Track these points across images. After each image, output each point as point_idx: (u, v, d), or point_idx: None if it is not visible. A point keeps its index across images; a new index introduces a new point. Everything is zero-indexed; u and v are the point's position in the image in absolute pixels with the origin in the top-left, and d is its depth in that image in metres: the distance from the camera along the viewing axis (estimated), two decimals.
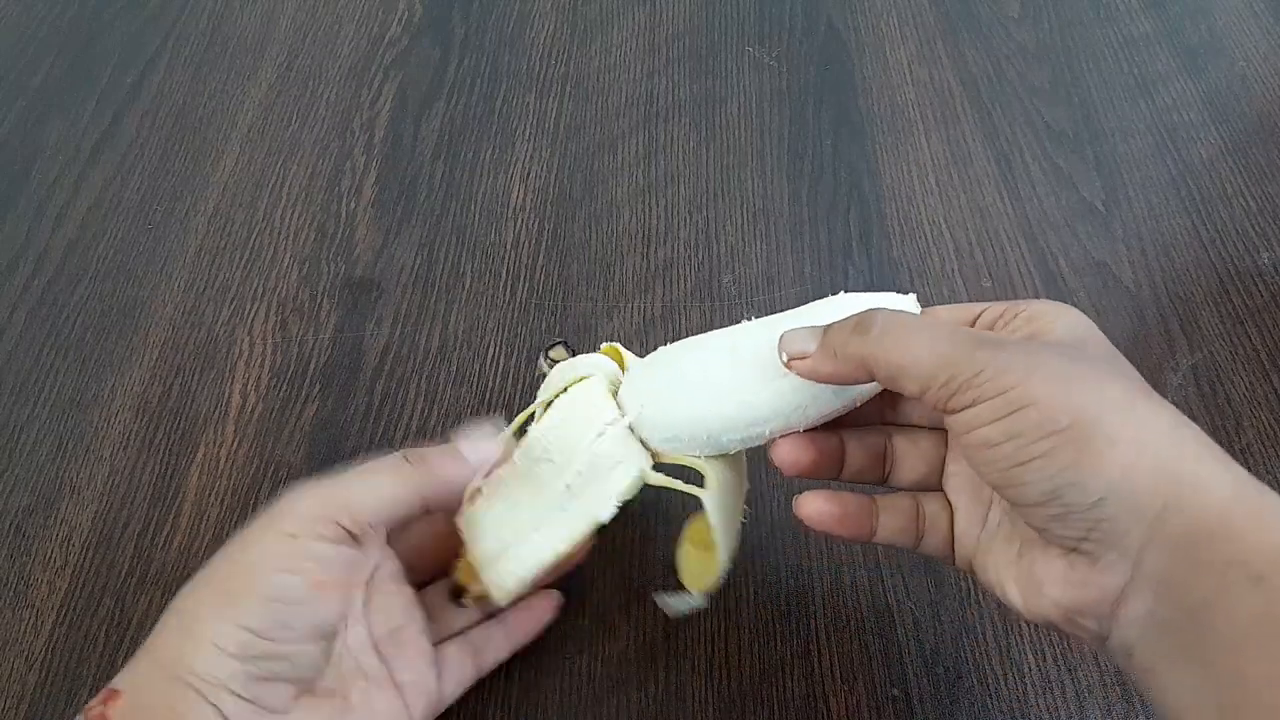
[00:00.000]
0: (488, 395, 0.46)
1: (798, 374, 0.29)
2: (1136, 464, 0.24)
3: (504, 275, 0.51)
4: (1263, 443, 0.42)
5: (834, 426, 0.32)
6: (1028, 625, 0.38)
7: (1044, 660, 0.37)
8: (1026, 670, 0.37)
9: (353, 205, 0.55)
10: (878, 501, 0.32)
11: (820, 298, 0.34)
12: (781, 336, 0.30)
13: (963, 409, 0.26)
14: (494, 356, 0.48)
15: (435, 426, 0.45)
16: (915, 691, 0.37)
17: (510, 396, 0.46)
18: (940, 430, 0.33)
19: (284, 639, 0.29)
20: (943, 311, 0.32)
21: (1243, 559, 0.23)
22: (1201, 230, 0.50)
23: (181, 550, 0.42)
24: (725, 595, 0.40)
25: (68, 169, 0.58)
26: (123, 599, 0.41)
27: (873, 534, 0.32)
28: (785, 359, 0.29)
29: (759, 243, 0.51)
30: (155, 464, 0.45)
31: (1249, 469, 0.41)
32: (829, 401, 0.31)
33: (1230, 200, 0.51)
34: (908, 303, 0.32)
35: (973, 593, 0.39)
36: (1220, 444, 0.25)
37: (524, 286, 0.50)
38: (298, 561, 0.29)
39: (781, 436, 0.31)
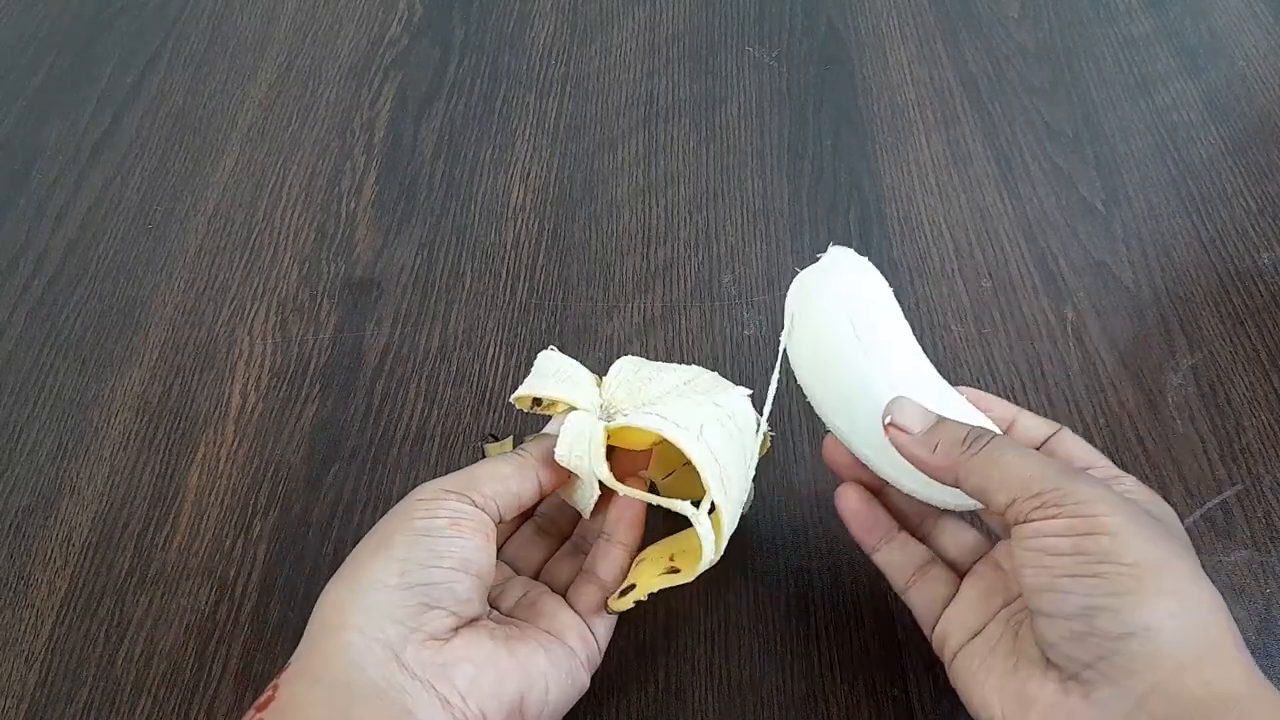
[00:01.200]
0: (488, 395, 0.46)
1: (890, 439, 0.31)
2: (1178, 616, 0.25)
3: (504, 275, 0.51)
4: (1263, 443, 0.42)
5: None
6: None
7: None
8: None
9: (353, 205, 0.55)
10: (899, 533, 0.35)
11: None
12: (893, 401, 0.32)
13: (1041, 520, 0.27)
14: (494, 356, 0.48)
15: (435, 426, 0.45)
16: (915, 691, 0.37)
17: (510, 397, 0.46)
18: (991, 535, 0.35)
19: (437, 564, 0.30)
20: (1079, 445, 0.33)
21: None
22: (1201, 230, 0.50)
23: (181, 550, 0.42)
24: (725, 595, 0.40)
25: (68, 169, 0.58)
26: (123, 599, 0.41)
27: (875, 550, 0.35)
28: (887, 421, 0.31)
29: (759, 243, 0.51)
30: (155, 464, 0.45)
31: (1249, 469, 0.41)
32: (924, 488, 0.33)
33: (1230, 200, 0.51)
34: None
35: None
36: (1220, 444, 0.26)
37: (524, 286, 0.50)
38: (435, 510, 0.31)
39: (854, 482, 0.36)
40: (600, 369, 0.39)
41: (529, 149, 0.57)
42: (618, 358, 0.38)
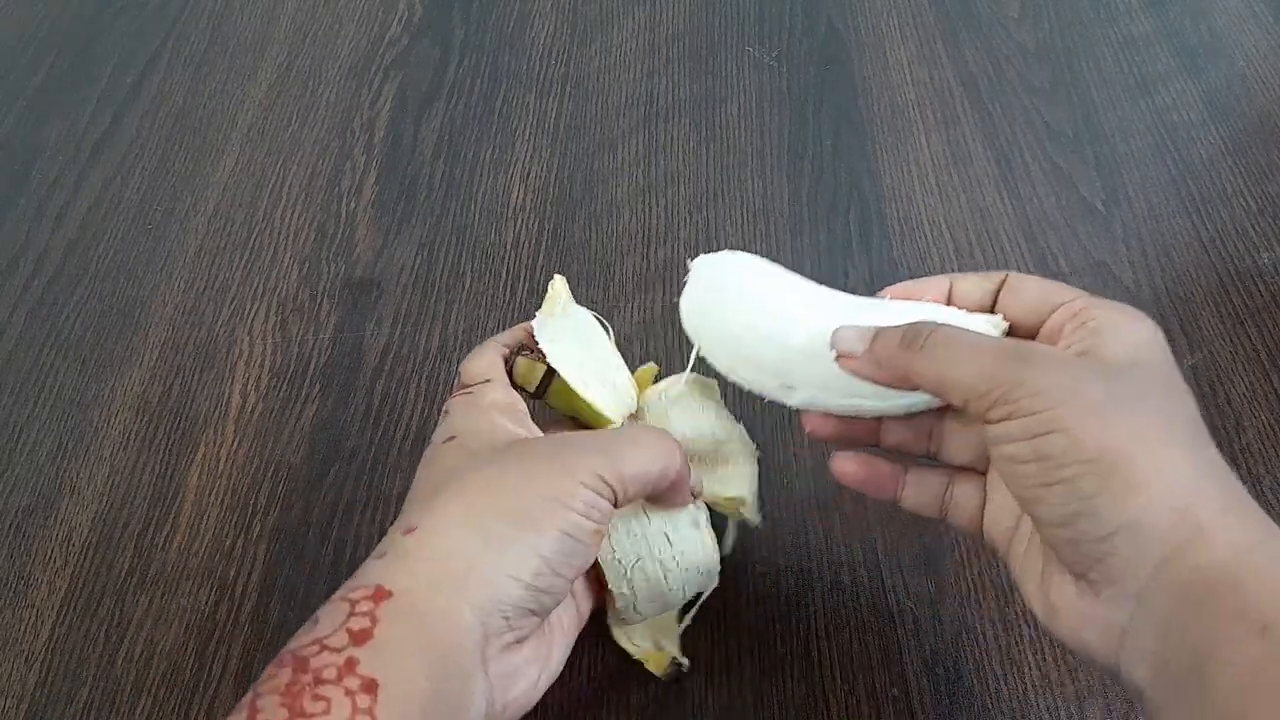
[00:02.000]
0: None
1: (843, 368, 0.30)
2: (1152, 507, 0.24)
3: (504, 275, 0.51)
4: (1263, 443, 0.42)
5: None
6: (1028, 625, 0.38)
7: (1044, 660, 0.37)
8: (1026, 670, 0.37)
9: (353, 205, 0.55)
10: (908, 473, 0.33)
11: None
12: (835, 331, 0.31)
13: (998, 421, 0.26)
14: None
15: (435, 426, 0.45)
16: (915, 691, 0.37)
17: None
18: None
19: (563, 574, 0.28)
20: (1032, 282, 0.31)
21: (1247, 611, 0.23)
22: (1201, 230, 0.50)
23: (181, 550, 0.42)
24: (725, 595, 0.40)
25: (68, 169, 0.58)
26: (123, 599, 0.41)
27: (898, 499, 0.33)
28: (834, 354, 0.31)
29: (759, 243, 0.51)
30: (155, 464, 0.45)
31: (1249, 469, 0.41)
32: (880, 402, 0.32)
33: (1230, 200, 0.51)
34: (991, 323, 0.32)
35: (973, 593, 0.39)
36: (1220, 444, 0.25)
37: (524, 286, 0.50)
38: (587, 508, 0.29)
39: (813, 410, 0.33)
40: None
41: (529, 149, 0.57)
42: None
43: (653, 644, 0.37)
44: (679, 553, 0.34)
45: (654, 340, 0.48)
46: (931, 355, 0.28)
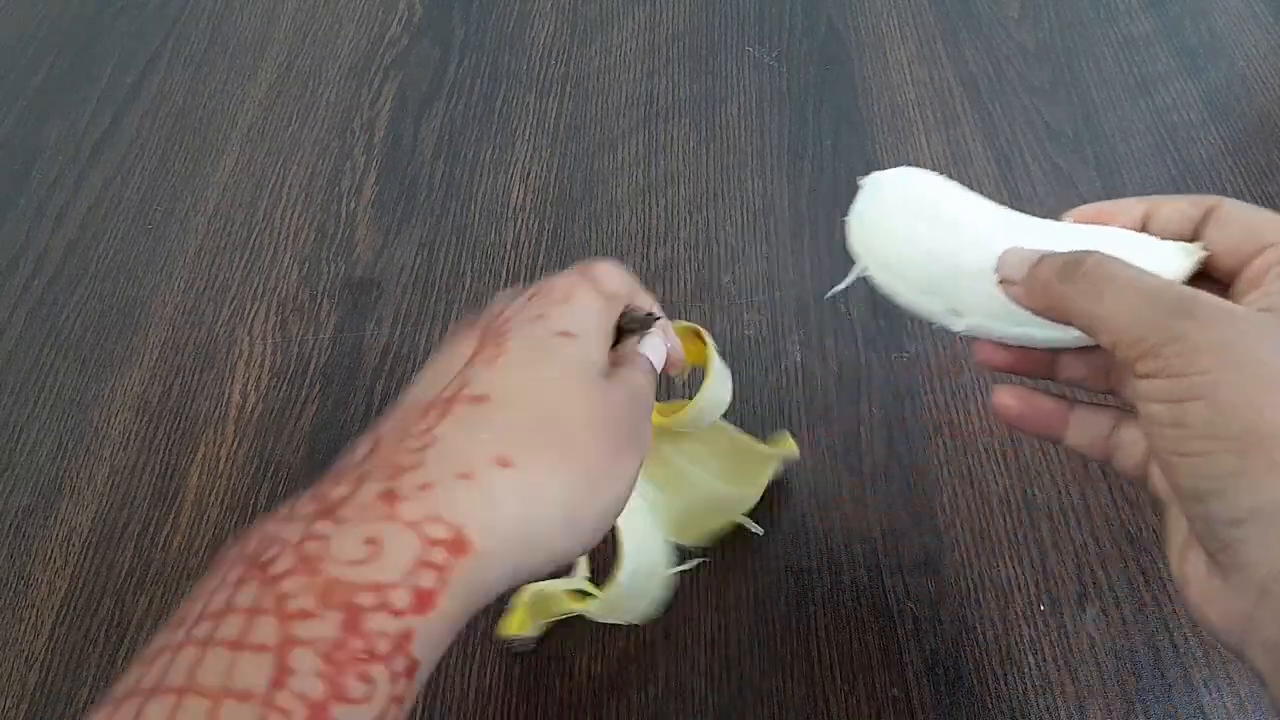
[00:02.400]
0: None
1: (1005, 294, 0.28)
2: None
3: (504, 275, 0.51)
4: None
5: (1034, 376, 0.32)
6: (1028, 625, 0.38)
7: (1044, 660, 0.37)
8: (1026, 670, 0.37)
9: (353, 205, 0.55)
10: (1073, 411, 0.30)
11: (820, 298, 0.34)
12: (1001, 254, 0.28)
13: (1144, 375, 0.24)
14: None
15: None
16: (915, 691, 0.37)
17: None
18: None
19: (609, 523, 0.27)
20: (1244, 214, 0.27)
21: None
22: None
23: (181, 550, 0.42)
24: (725, 595, 0.40)
25: (68, 169, 0.58)
26: (123, 599, 0.41)
27: (1062, 438, 0.31)
28: (998, 278, 0.28)
29: (759, 243, 0.51)
30: (155, 464, 0.45)
31: None
32: (1050, 333, 0.29)
33: None
34: (1185, 251, 0.28)
35: (973, 592, 0.39)
36: None
37: (524, 286, 0.50)
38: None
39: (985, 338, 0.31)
40: None
41: (529, 149, 0.57)
42: None
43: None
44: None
45: None
46: (1086, 289, 0.25)
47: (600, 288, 0.30)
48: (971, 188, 0.31)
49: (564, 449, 0.25)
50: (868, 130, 0.56)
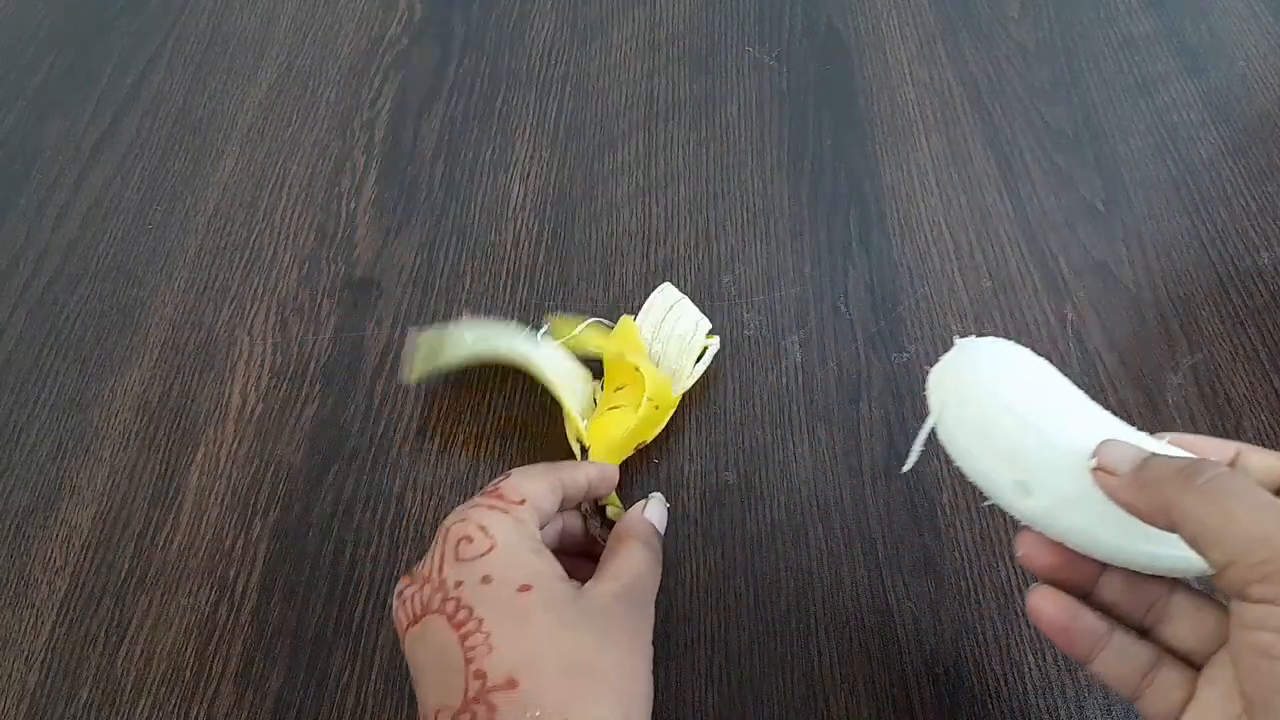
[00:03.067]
0: (488, 395, 0.46)
1: (1097, 483, 0.27)
2: None
3: (504, 275, 0.51)
4: (1263, 443, 0.42)
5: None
6: (1028, 625, 0.38)
7: (1044, 660, 0.37)
8: (1026, 670, 0.37)
9: (353, 205, 0.55)
10: (1114, 636, 0.29)
11: (819, 298, 0.34)
12: (1104, 441, 0.27)
13: (1259, 601, 0.22)
14: None
15: (435, 426, 0.45)
16: (915, 691, 0.37)
17: (510, 397, 0.46)
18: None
19: None
20: None
21: None
22: (1201, 230, 0.50)
23: (181, 550, 0.42)
24: (725, 595, 0.40)
25: (68, 169, 0.58)
26: (123, 599, 0.41)
27: (1089, 662, 0.29)
28: (1094, 463, 0.27)
29: (759, 243, 0.51)
30: (155, 464, 0.45)
31: None
32: (1125, 542, 0.28)
33: (1230, 200, 0.51)
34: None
35: (973, 593, 0.39)
36: None
37: (524, 286, 0.50)
38: None
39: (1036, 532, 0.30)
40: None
41: (529, 149, 0.57)
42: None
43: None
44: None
45: None
46: (1209, 497, 0.24)
47: (510, 506, 0.32)
48: (972, 188, 0.31)
49: (599, 682, 0.28)
50: (868, 130, 0.56)
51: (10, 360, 0.49)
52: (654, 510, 0.38)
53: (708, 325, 0.46)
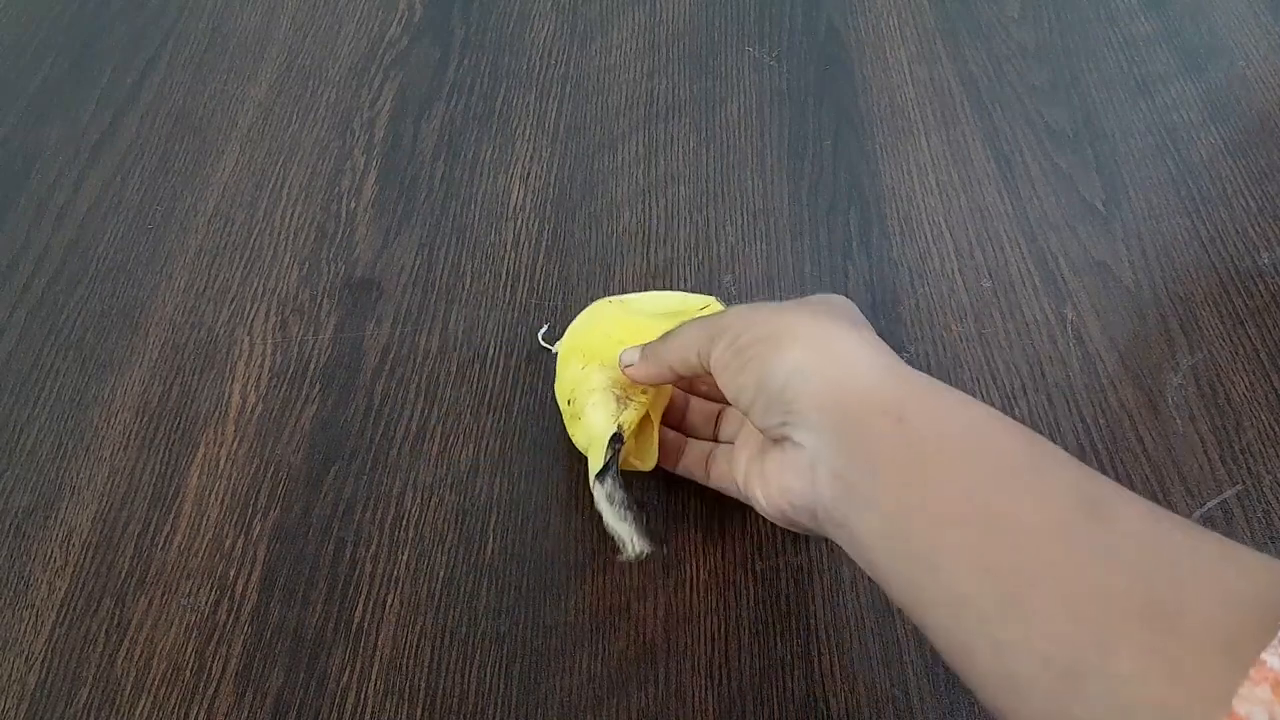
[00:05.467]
0: (488, 395, 0.46)
1: (631, 379, 0.39)
2: (810, 357, 0.31)
3: (504, 275, 0.51)
4: (1263, 443, 0.42)
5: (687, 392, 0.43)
6: None
7: None
8: None
9: (353, 205, 0.55)
10: (687, 444, 0.42)
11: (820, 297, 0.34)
12: (621, 353, 0.39)
13: (710, 354, 0.34)
14: (494, 356, 0.48)
15: (435, 426, 0.45)
16: (915, 691, 0.37)
17: (510, 397, 0.46)
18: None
19: None
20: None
21: (887, 409, 0.29)
22: (1201, 230, 0.50)
23: (181, 550, 0.42)
24: (725, 595, 0.40)
25: (68, 169, 0.58)
26: (123, 599, 0.41)
27: (676, 465, 0.42)
28: (623, 367, 0.39)
29: (759, 243, 0.51)
30: (155, 464, 0.45)
31: (1248, 469, 0.41)
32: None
33: (1230, 200, 0.51)
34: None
35: None
36: (1220, 444, 0.26)
37: (524, 286, 0.50)
38: None
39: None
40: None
41: (529, 149, 0.57)
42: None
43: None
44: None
45: None
46: (668, 342, 0.37)
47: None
48: (972, 188, 0.32)
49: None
50: (868, 130, 0.56)
51: (10, 360, 0.49)
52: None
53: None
